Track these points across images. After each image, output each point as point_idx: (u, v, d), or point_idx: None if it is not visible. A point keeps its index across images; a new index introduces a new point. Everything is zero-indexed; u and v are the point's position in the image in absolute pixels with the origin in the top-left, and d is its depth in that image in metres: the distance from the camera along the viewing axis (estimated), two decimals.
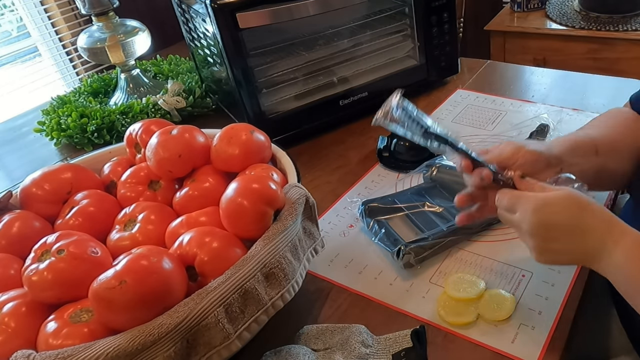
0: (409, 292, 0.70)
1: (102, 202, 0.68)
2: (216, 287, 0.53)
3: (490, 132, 0.99)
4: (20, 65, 1.85)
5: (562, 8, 2.08)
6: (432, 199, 0.82)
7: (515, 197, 0.56)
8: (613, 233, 0.51)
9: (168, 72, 1.33)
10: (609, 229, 0.51)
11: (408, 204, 0.81)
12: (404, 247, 0.70)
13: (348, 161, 0.98)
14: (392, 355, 0.60)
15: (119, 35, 1.16)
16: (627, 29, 1.85)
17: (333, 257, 0.77)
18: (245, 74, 0.95)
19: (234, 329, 0.54)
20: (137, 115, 1.15)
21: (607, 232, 0.51)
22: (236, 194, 0.60)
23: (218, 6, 0.87)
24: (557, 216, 0.52)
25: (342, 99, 1.05)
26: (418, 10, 1.05)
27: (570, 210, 0.52)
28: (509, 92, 1.12)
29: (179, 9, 1.10)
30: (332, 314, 0.68)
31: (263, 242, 0.57)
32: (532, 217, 0.53)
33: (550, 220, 0.52)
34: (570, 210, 0.52)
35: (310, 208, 0.65)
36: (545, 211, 0.52)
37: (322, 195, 0.89)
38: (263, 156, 0.72)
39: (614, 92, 1.07)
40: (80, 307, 0.53)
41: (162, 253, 0.54)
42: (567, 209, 0.52)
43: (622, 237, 0.51)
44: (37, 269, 0.54)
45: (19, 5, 1.70)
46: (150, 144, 0.70)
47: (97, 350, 0.47)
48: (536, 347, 0.60)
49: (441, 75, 1.17)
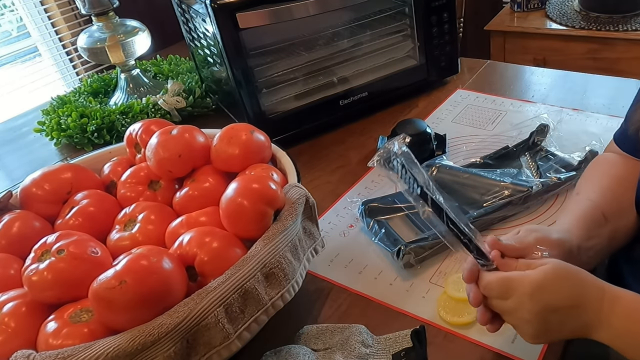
0: (409, 292, 0.70)
1: (102, 202, 0.68)
2: (216, 287, 0.53)
3: (490, 132, 0.99)
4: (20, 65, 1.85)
5: (562, 8, 2.08)
6: None
7: (505, 281, 0.52)
8: (606, 299, 0.50)
9: (168, 72, 1.33)
10: (602, 296, 0.51)
11: (408, 204, 0.81)
12: (404, 247, 0.70)
13: (348, 161, 0.98)
14: (392, 355, 0.60)
15: (119, 35, 1.16)
16: (627, 29, 1.85)
17: (333, 257, 0.77)
18: (245, 74, 0.95)
19: (234, 329, 0.54)
20: (137, 115, 1.15)
21: (600, 301, 0.50)
22: (236, 194, 0.60)
23: (218, 6, 0.87)
24: (556, 297, 0.50)
25: (342, 99, 1.06)
26: (418, 10, 1.05)
27: (566, 288, 0.51)
28: (509, 92, 1.12)
29: (179, 9, 1.10)
30: (332, 314, 0.68)
31: (263, 242, 0.57)
32: (530, 305, 0.50)
33: (550, 304, 0.50)
34: (566, 288, 0.51)
35: (310, 208, 0.65)
36: (544, 296, 0.50)
37: (322, 195, 0.89)
38: (263, 156, 0.72)
39: (614, 92, 1.07)
40: (80, 307, 0.53)
41: (162, 253, 0.54)
42: (563, 287, 0.50)
43: (616, 302, 0.50)
44: (37, 269, 0.54)
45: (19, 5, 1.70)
46: (150, 144, 0.70)
47: (97, 350, 0.47)
48: (536, 347, 0.60)
49: (441, 75, 1.17)
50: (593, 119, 0.98)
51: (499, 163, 0.88)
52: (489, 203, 0.77)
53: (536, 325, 0.51)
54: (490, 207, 0.76)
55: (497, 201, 0.77)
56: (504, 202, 0.76)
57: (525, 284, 0.50)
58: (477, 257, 0.54)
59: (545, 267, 0.51)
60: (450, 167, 0.85)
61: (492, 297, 0.54)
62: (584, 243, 0.60)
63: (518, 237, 0.57)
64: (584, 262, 0.59)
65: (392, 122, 0.98)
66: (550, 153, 0.87)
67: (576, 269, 0.52)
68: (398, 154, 0.56)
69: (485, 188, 0.79)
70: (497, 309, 0.54)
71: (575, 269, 0.52)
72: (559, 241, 0.57)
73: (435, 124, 1.05)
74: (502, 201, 0.77)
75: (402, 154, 0.56)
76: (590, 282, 0.52)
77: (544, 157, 0.87)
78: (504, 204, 0.76)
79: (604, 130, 0.94)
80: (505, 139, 0.95)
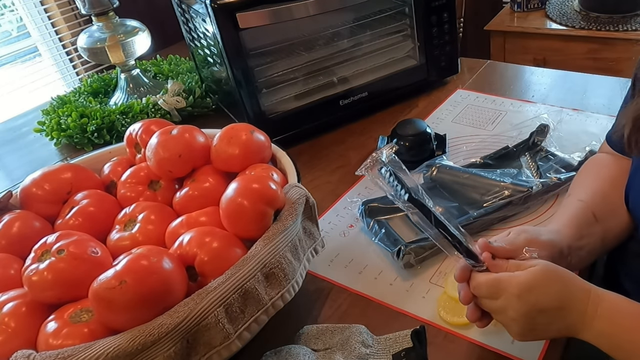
0: (409, 292, 0.70)
1: (102, 202, 0.68)
2: (216, 287, 0.53)
3: (490, 132, 0.99)
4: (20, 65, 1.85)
5: (562, 8, 2.08)
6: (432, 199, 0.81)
7: (495, 282, 0.53)
8: (591, 302, 0.51)
9: (168, 72, 1.33)
10: (587, 298, 0.52)
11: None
12: (404, 247, 0.70)
13: (348, 161, 0.98)
14: (392, 355, 0.60)
15: (119, 35, 1.16)
16: (627, 29, 1.85)
17: (333, 257, 0.77)
18: (245, 74, 0.95)
19: (234, 329, 0.54)
20: (137, 115, 1.15)
21: (585, 303, 0.51)
22: (236, 194, 0.60)
23: (218, 6, 0.87)
24: (543, 298, 0.51)
25: (342, 99, 1.05)
26: (418, 10, 1.05)
27: (553, 290, 0.52)
28: (509, 92, 1.12)
29: (179, 9, 1.10)
30: (332, 314, 0.68)
31: (263, 242, 0.57)
32: (518, 305, 0.51)
33: (537, 305, 0.51)
34: (553, 290, 0.52)
35: (310, 208, 0.65)
36: (531, 297, 0.51)
37: (322, 195, 0.89)
38: (263, 156, 0.71)
39: (614, 92, 1.07)
40: (80, 307, 0.53)
41: (162, 253, 0.54)
42: (551, 288, 0.52)
43: (599, 305, 0.51)
44: (37, 269, 0.54)
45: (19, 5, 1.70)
46: (150, 144, 0.70)
47: (97, 350, 0.47)
48: (536, 347, 0.60)
49: (441, 75, 1.17)
50: (593, 119, 0.98)
51: (499, 163, 0.88)
52: (489, 203, 0.77)
53: (523, 324, 0.52)
54: (490, 207, 0.76)
55: (497, 201, 0.77)
56: (504, 202, 0.76)
57: (513, 285, 0.52)
58: (468, 259, 0.55)
59: (534, 269, 0.52)
60: (450, 167, 0.85)
61: (482, 297, 0.55)
62: (575, 243, 0.61)
63: (508, 238, 0.58)
64: (575, 262, 0.60)
65: (392, 122, 0.98)
66: (550, 153, 0.87)
67: (564, 271, 0.53)
68: (386, 162, 0.57)
69: (485, 188, 0.79)
70: (487, 308, 0.56)
71: (563, 271, 0.53)
72: (548, 242, 0.58)
73: (435, 124, 1.05)
74: (502, 201, 0.77)
75: (390, 162, 0.57)
76: (577, 284, 0.53)
77: (544, 157, 0.87)
78: (504, 204, 0.76)
79: (604, 130, 0.93)
80: (505, 139, 0.95)
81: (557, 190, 0.80)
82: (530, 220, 0.77)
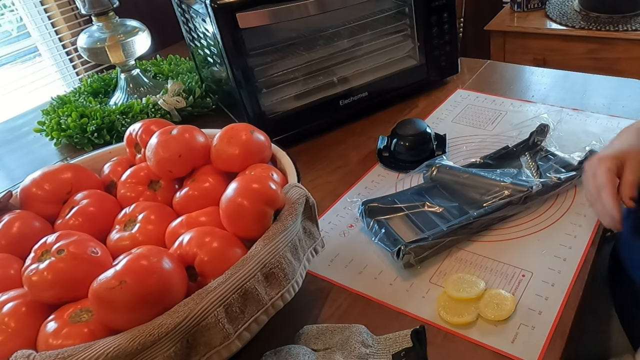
0: (409, 292, 0.70)
1: (102, 202, 0.68)
2: (216, 287, 0.53)
3: (490, 132, 0.99)
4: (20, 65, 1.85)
5: (562, 8, 2.08)
6: (432, 199, 0.82)
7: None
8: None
9: (168, 72, 1.33)
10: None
11: (408, 204, 0.81)
12: (404, 247, 0.70)
13: (348, 161, 0.98)
14: (392, 355, 0.60)
15: (119, 35, 1.16)
16: (627, 29, 1.86)
17: (333, 257, 0.77)
18: (245, 74, 0.95)
19: (234, 329, 0.54)
20: (137, 115, 1.15)
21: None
22: (236, 194, 0.60)
23: (218, 6, 0.87)
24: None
25: (342, 99, 1.06)
26: (418, 10, 1.05)
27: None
28: (509, 92, 1.12)
29: (179, 9, 1.10)
30: (332, 314, 0.68)
31: (263, 242, 0.57)
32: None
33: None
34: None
35: (310, 208, 0.65)
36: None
37: (322, 195, 0.89)
38: (263, 156, 0.71)
39: (614, 92, 1.07)
40: (80, 307, 0.53)
41: (162, 253, 0.54)
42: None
43: None
44: (37, 269, 0.54)
45: (19, 5, 1.70)
46: (150, 144, 0.70)
47: (97, 350, 0.47)
48: (536, 347, 0.60)
49: (441, 75, 1.17)
50: (593, 119, 0.98)
51: (499, 163, 0.88)
52: (489, 203, 0.77)
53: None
54: (490, 207, 0.76)
55: (497, 201, 0.77)
56: (504, 202, 0.76)
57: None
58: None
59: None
60: (450, 167, 0.85)
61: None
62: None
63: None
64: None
65: (392, 122, 0.98)
66: (550, 153, 0.87)
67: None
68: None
69: (485, 188, 0.79)
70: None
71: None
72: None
73: (435, 124, 1.05)
74: (502, 201, 0.77)
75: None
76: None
77: (544, 157, 0.87)
78: (504, 204, 0.76)
79: (604, 130, 0.94)
80: (505, 139, 0.95)
81: (557, 190, 0.80)
82: (530, 220, 0.77)
